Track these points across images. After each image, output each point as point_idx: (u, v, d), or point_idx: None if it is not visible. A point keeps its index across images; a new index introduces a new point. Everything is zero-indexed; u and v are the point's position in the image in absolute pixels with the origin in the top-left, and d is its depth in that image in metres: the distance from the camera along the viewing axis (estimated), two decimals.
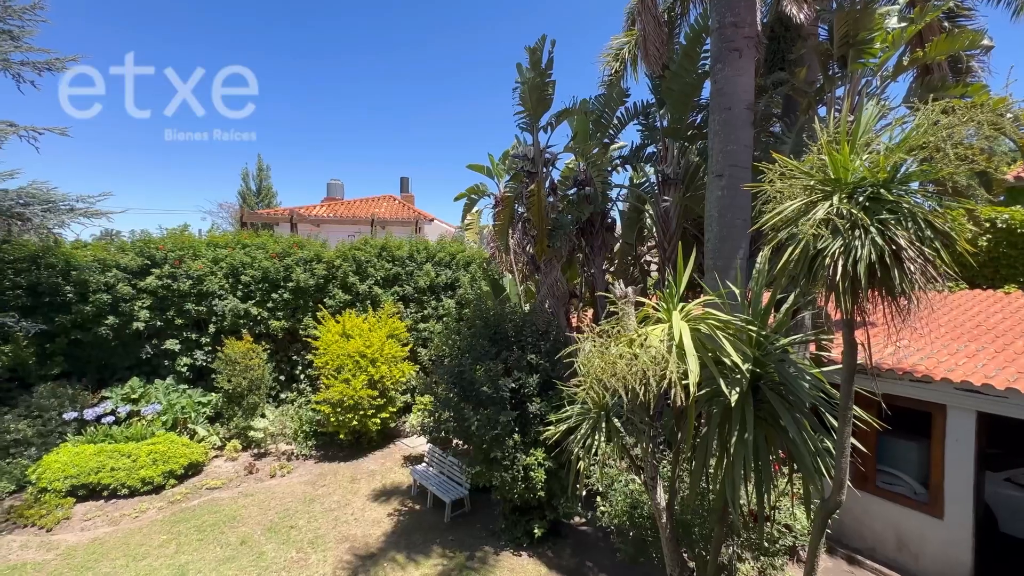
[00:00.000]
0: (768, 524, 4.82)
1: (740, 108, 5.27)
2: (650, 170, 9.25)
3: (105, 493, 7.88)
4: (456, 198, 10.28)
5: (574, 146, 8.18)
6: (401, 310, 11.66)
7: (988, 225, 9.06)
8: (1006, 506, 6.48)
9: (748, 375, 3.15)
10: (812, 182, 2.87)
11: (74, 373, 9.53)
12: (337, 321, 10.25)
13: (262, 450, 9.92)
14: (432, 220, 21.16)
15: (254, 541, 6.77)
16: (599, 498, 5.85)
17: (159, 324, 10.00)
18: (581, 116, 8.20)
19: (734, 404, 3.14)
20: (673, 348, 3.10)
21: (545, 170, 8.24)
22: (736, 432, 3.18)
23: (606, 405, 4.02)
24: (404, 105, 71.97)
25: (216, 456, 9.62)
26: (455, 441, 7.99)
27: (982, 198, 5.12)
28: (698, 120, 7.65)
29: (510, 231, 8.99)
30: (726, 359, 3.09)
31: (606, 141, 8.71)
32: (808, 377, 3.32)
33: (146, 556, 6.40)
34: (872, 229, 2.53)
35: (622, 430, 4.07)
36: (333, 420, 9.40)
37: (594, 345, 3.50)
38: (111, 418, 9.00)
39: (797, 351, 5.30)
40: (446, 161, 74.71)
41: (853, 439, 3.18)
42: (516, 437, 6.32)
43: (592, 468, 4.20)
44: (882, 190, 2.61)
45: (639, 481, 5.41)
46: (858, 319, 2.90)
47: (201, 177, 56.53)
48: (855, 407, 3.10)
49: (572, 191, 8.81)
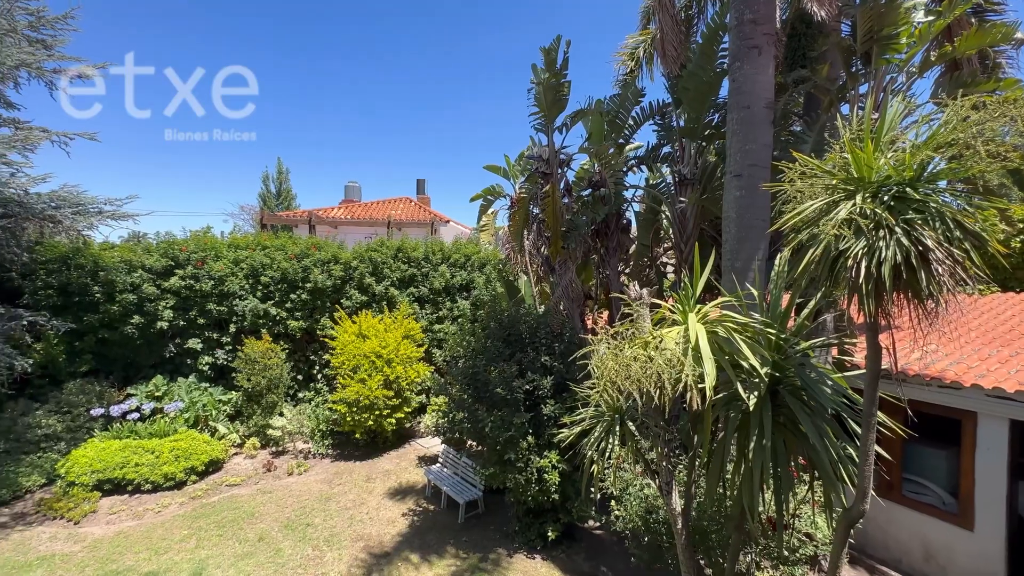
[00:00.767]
0: (788, 532, 4.70)
1: (759, 107, 5.17)
2: (666, 170, 9.14)
3: (129, 488, 8.09)
4: (472, 199, 10.31)
5: (589, 147, 8.13)
6: (416, 311, 11.74)
7: (1022, 226, 8.72)
8: None
9: (767, 379, 3.08)
10: (834, 181, 2.79)
11: (101, 370, 9.83)
12: (354, 322, 10.37)
13: (280, 448, 10.07)
14: (448, 222, 21.27)
15: (272, 538, 6.88)
16: (613, 502, 5.79)
17: (182, 323, 10.24)
18: (596, 116, 8.15)
19: (752, 409, 3.07)
20: (689, 351, 3.05)
21: (560, 171, 8.21)
22: (754, 437, 3.11)
23: (620, 408, 3.98)
24: (422, 108, 72.59)
25: (236, 453, 9.81)
26: (469, 442, 8.00)
27: (1015, 197, 4.92)
28: (716, 119, 7.53)
29: (525, 232, 8.98)
30: (744, 363, 3.03)
31: (621, 141, 8.64)
32: (830, 382, 3.23)
33: (168, 550, 6.54)
34: (897, 229, 2.45)
35: (637, 434, 4.01)
36: (349, 419, 9.50)
37: (608, 347, 3.46)
38: (136, 415, 9.25)
39: (818, 355, 5.16)
40: (462, 163, 75.08)
41: (877, 446, 3.08)
42: (530, 439, 6.29)
43: (606, 472, 4.15)
44: (908, 189, 2.53)
45: (654, 486, 5.33)
46: (882, 322, 2.81)
47: (222, 179, 57.86)
48: (879, 413, 3.00)
49: (587, 192, 8.75)
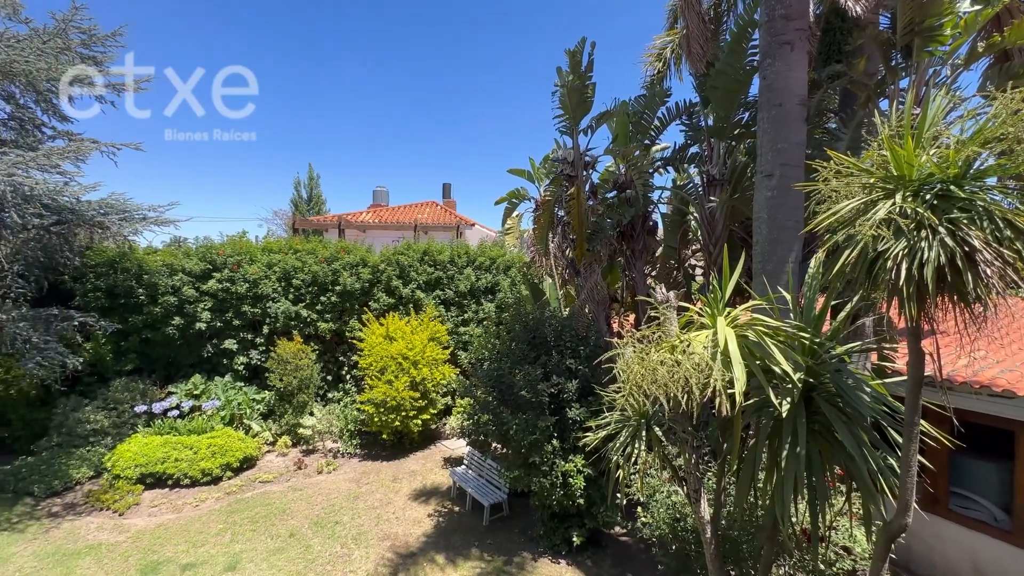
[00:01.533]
0: (823, 545, 4.52)
1: (792, 104, 5.02)
2: (694, 171, 8.97)
3: (170, 482, 8.44)
4: (497, 202, 10.36)
5: (614, 148, 8.06)
6: (442, 313, 11.86)
7: None
8: None
9: (800, 385, 2.97)
10: (872, 180, 2.68)
11: (144, 369, 10.32)
12: (381, 324, 10.55)
13: (310, 447, 10.33)
14: (473, 225, 21.43)
15: (302, 534, 7.05)
16: (640, 508, 5.69)
17: (219, 325, 10.65)
18: (622, 118, 8.08)
19: (785, 416, 2.98)
20: (718, 355, 2.98)
21: (585, 173, 8.17)
22: (787, 445, 3.01)
23: (647, 413, 3.91)
24: (448, 112, 73.49)
25: (268, 451, 10.11)
26: (494, 445, 8.02)
27: None
28: (745, 118, 7.35)
29: (550, 235, 8.96)
30: (776, 368, 2.93)
31: (647, 142, 8.53)
32: (868, 388, 3.10)
33: (204, 543, 6.79)
34: (941, 229, 2.33)
35: (663, 439, 3.94)
36: (376, 420, 9.66)
37: (634, 351, 3.42)
38: (176, 412, 9.66)
39: (856, 361, 4.96)
40: (487, 167, 75.55)
41: (920, 457, 2.93)
42: (555, 443, 6.26)
43: (632, 477, 4.09)
44: (952, 187, 2.40)
45: (682, 493, 5.22)
46: (925, 327, 2.68)
47: (256, 184, 60.06)
48: (922, 422, 2.86)
49: (612, 194, 8.67)
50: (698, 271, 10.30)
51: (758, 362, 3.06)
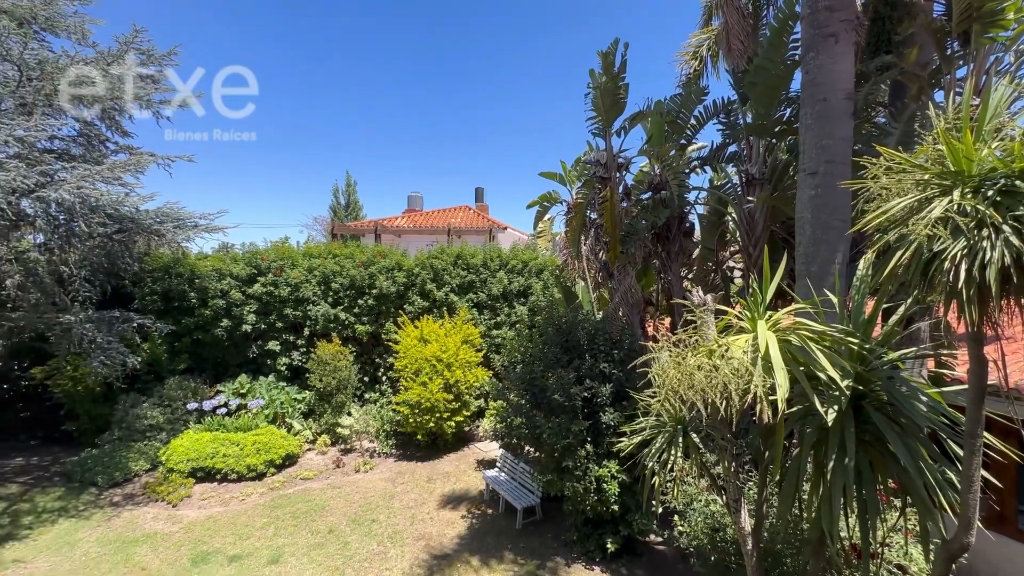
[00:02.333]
0: (875, 562, 4.27)
1: (837, 98, 4.80)
2: (732, 170, 8.70)
3: (218, 476, 8.87)
4: (528, 206, 10.38)
5: (649, 149, 7.92)
6: (475, 316, 11.96)
7: None
8: None
9: (848, 392, 2.83)
10: (926, 176, 2.53)
11: (195, 369, 10.90)
12: (416, 326, 10.75)
13: (348, 446, 10.62)
14: (505, 228, 21.53)
15: (340, 531, 7.25)
16: (676, 517, 5.55)
17: (263, 326, 11.13)
18: (656, 118, 7.94)
19: (831, 424, 2.84)
20: (758, 360, 2.88)
21: (618, 175, 8.07)
22: (834, 456, 2.87)
23: (683, 419, 3.82)
24: (480, 117, 74.26)
25: (308, 449, 10.46)
26: (527, 448, 8.01)
27: None
28: (787, 114, 7.09)
29: (582, 237, 8.89)
30: (821, 374, 2.81)
31: (683, 142, 8.34)
32: (924, 397, 2.92)
33: (250, 536, 7.09)
34: (1005, 228, 2.18)
35: (701, 446, 3.84)
36: (411, 421, 9.84)
37: (670, 355, 3.35)
38: (224, 410, 10.15)
39: (910, 368, 4.68)
40: (519, 170, 75.79)
41: (985, 472, 2.74)
42: (588, 447, 6.19)
43: (668, 484, 3.99)
44: (1018, 182, 2.24)
45: (721, 502, 5.06)
46: (988, 332, 2.51)
47: (297, 191, 62.55)
48: (986, 435, 2.67)
49: (647, 195, 8.52)
50: (736, 273, 9.99)
51: (802, 368, 2.94)
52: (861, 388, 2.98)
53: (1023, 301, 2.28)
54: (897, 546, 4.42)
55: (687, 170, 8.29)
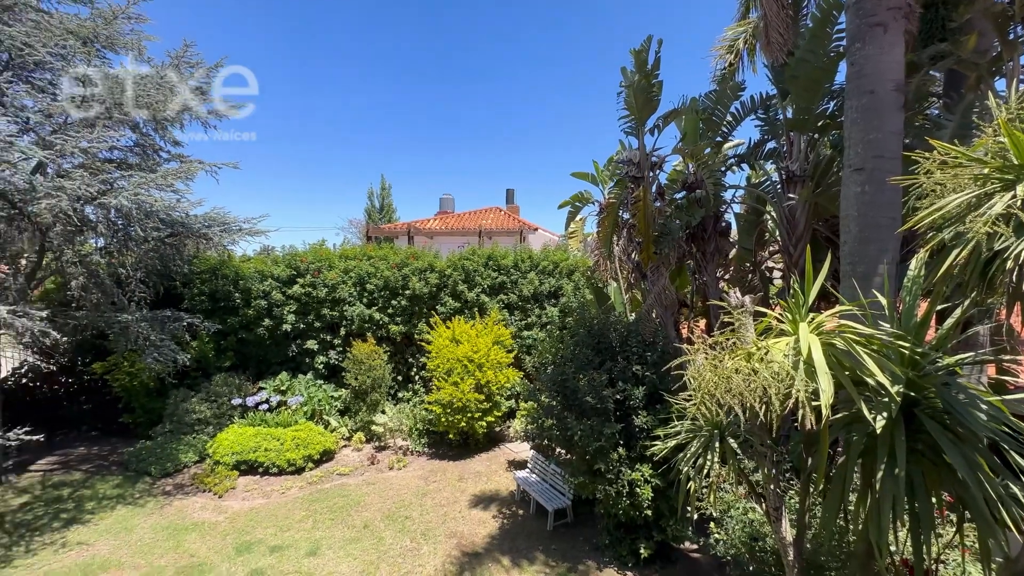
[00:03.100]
0: None
1: (885, 90, 4.57)
2: (771, 168, 8.42)
3: (260, 470, 9.24)
4: (560, 206, 10.36)
5: (683, 147, 7.77)
6: (506, 317, 12.01)
7: None
8: None
9: (898, 399, 2.70)
10: (986, 170, 2.39)
11: (239, 366, 11.40)
12: (447, 327, 10.89)
13: (382, 443, 10.86)
14: (536, 229, 21.53)
15: (375, 527, 7.43)
16: (712, 524, 5.41)
17: (302, 326, 11.53)
18: (691, 115, 7.77)
19: (880, 432, 2.71)
20: (800, 364, 2.78)
21: (651, 174, 7.94)
22: (883, 465, 2.74)
23: (720, 423, 3.73)
24: (511, 117, 74.54)
25: (344, 446, 10.76)
26: (558, 450, 7.98)
27: None
28: (830, 108, 6.80)
29: (614, 238, 8.80)
30: (869, 379, 2.68)
31: (719, 140, 8.13)
32: (984, 406, 2.74)
33: (290, 528, 7.36)
34: None
35: (739, 452, 3.73)
36: (444, 420, 9.97)
37: (706, 357, 3.28)
38: (265, 406, 10.57)
39: (968, 374, 4.40)
40: (550, 171, 75.65)
41: None
42: (621, 450, 6.12)
43: (704, 490, 3.90)
44: None
45: (760, 510, 4.90)
46: None
47: (335, 193, 64.66)
48: None
49: (681, 195, 8.35)
50: (776, 274, 9.65)
51: (847, 373, 2.82)
52: (913, 394, 2.83)
53: None
54: (954, 563, 4.17)
55: (723, 168, 8.08)
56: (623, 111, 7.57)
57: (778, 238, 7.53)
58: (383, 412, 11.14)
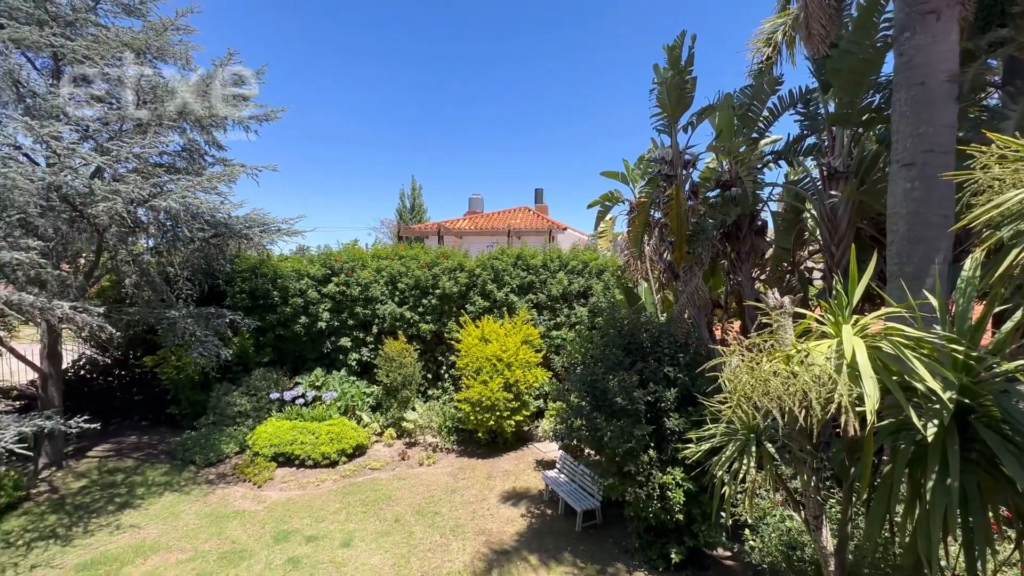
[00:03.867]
0: None
1: (937, 81, 4.33)
2: (811, 164, 8.11)
3: (296, 462, 9.56)
4: (589, 205, 10.27)
5: (717, 145, 7.57)
6: (534, 317, 12.02)
7: None
8: None
9: (951, 406, 2.56)
10: None
11: (277, 362, 11.82)
12: (477, 326, 10.98)
13: (412, 440, 11.05)
14: (565, 229, 21.44)
15: (405, 521, 7.57)
16: (747, 531, 5.27)
17: (336, 324, 11.86)
18: (726, 111, 7.57)
19: (931, 441, 2.58)
20: (843, 367, 2.68)
21: (684, 172, 7.78)
22: (934, 476, 2.61)
23: (756, 427, 3.63)
24: (540, 117, 74.43)
25: (376, 441, 11.01)
26: (587, 451, 7.93)
27: None
28: (876, 102, 6.50)
29: (645, 237, 8.66)
30: (918, 384, 2.56)
31: (754, 136, 7.89)
32: None
33: (324, 519, 7.59)
34: None
35: (777, 457, 3.62)
36: (472, 418, 10.06)
37: (742, 360, 3.20)
38: (301, 400, 10.93)
39: None
40: (579, 171, 75.07)
41: None
42: (651, 453, 6.03)
43: (738, 496, 3.80)
44: None
45: (798, 519, 4.74)
46: None
47: (368, 194, 66.22)
48: None
49: (714, 193, 8.15)
50: (816, 275, 9.29)
51: (895, 377, 2.70)
52: (967, 401, 2.69)
53: None
54: None
55: (759, 165, 7.83)
56: (655, 108, 7.45)
57: (818, 237, 7.25)
58: (413, 409, 11.33)
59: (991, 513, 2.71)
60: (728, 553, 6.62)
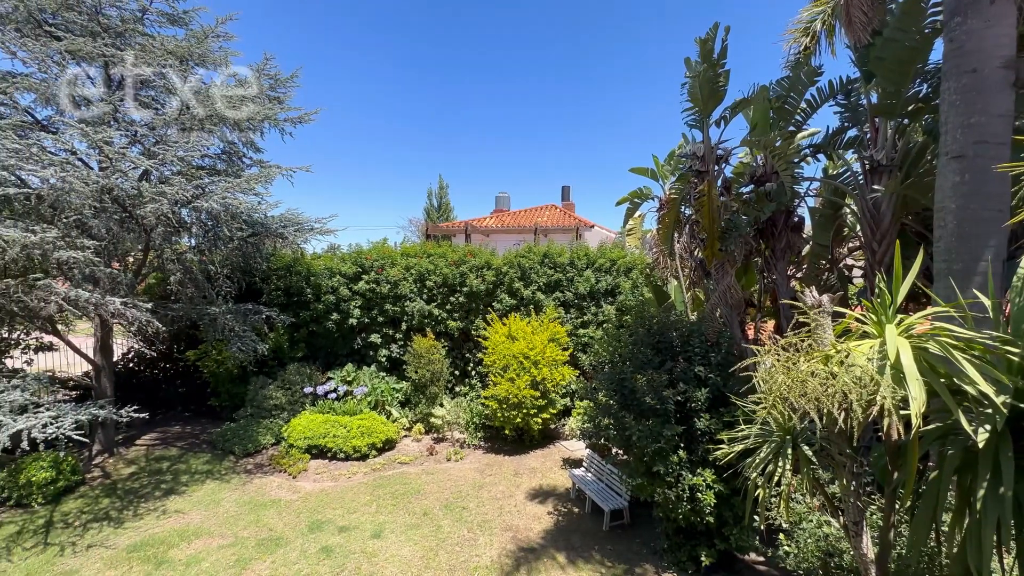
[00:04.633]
0: None
1: (991, 68, 4.10)
2: (851, 157, 7.80)
3: (328, 454, 9.84)
4: (618, 203, 10.16)
5: (752, 139, 7.36)
6: (561, 315, 11.98)
7: None
8: None
9: (1005, 411, 2.44)
10: None
11: (310, 357, 12.18)
12: (504, 323, 11.03)
13: (440, 435, 11.20)
14: (592, 226, 21.26)
15: (433, 515, 7.70)
16: (781, 535, 5.13)
17: (366, 321, 12.12)
18: (761, 104, 7.35)
19: (982, 447, 2.46)
20: (887, 369, 2.59)
21: (717, 168, 7.60)
22: (986, 484, 2.49)
23: (792, 429, 3.53)
24: (567, 115, 73.99)
25: (405, 436, 11.21)
26: (614, 450, 7.87)
27: None
28: (923, 91, 6.20)
29: (675, 235, 8.52)
30: (968, 387, 2.45)
31: (791, 129, 7.64)
32: None
33: (356, 511, 7.79)
34: None
35: (814, 461, 3.52)
36: (500, 415, 10.12)
37: (777, 360, 3.12)
38: (333, 395, 11.23)
39: None
40: (607, 168, 74.23)
41: None
42: (681, 453, 5.94)
43: (773, 500, 3.70)
44: None
45: (836, 524, 4.59)
46: None
47: (398, 194, 67.37)
48: None
49: (748, 188, 7.93)
50: (856, 272, 8.93)
51: (942, 380, 2.58)
52: (1022, 406, 2.55)
53: None
54: None
55: (796, 159, 7.58)
56: (686, 103, 7.30)
57: (859, 233, 6.97)
58: (441, 405, 11.49)
59: None
60: (761, 558, 6.46)
